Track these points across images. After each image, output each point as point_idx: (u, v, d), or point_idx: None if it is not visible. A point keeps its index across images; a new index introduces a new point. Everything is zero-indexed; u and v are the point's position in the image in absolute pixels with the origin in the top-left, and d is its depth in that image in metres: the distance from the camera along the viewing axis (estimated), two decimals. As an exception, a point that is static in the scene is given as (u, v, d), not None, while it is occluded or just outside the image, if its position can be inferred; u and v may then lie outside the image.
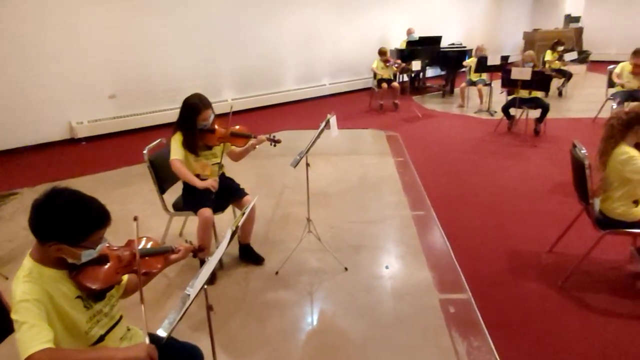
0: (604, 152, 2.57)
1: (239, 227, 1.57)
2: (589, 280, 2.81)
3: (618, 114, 2.54)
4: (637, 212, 2.52)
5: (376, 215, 3.85)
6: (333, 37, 9.67)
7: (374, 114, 8.01)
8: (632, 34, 13.79)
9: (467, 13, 13.21)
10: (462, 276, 2.89)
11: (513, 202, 4.03)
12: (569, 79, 8.81)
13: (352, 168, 5.09)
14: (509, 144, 5.84)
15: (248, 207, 1.68)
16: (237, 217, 1.67)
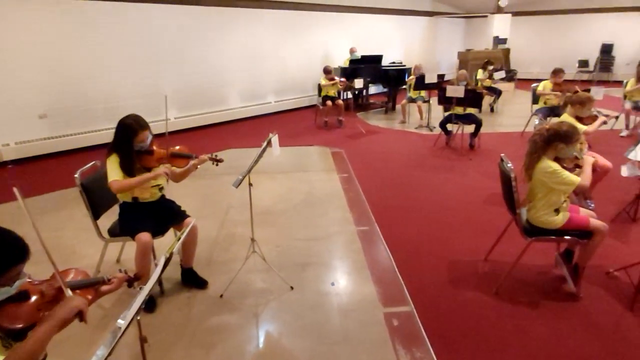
0: (529, 166, 2.77)
1: (173, 254, 1.52)
2: (521, 285, 2.99)
3: (540, 131, 2.76)
4: (558, 219, 2.73)
5: (322, 232, 3.88)
6: (278, 55, 9.76)
7: (319, 130, 8.13)
8: (553, 54, 15.10)
9: (406, 33, 13.85)
10: (405, 289, 2.97)
11: (452, 214, 4.22)
12: (499, 96, 9.44)
13: (298, 185, 5.11)
14: (447, 158, 6.14)
15: (184, 232, 1.64)
16: (172, 243, 1.63)
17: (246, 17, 8.89)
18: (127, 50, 7.13)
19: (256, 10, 9.10)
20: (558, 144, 2.66)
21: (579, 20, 14.91)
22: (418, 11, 14.17)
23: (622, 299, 2.80)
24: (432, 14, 14.96)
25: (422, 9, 14.37)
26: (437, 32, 15.47)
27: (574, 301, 2.79)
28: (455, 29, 16.66)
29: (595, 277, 3.06)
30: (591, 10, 14.59)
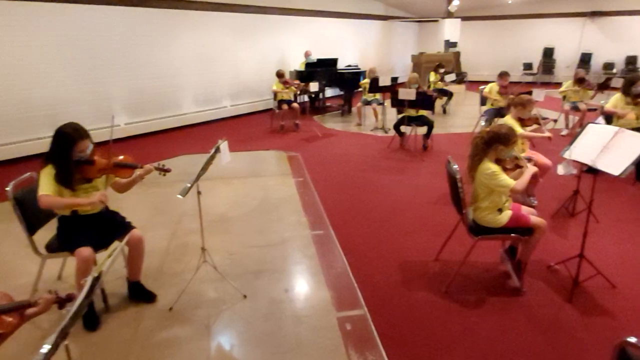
0: (472, 168, 2.87)
1: (102, 273, 1.44)
2: (469, 283, 3.09)
3: (481, 134, 2.86)
4: (501, 218, 2.84)
5: (276, 237, 3.85)
6: (233, 59, 9.62)
7: (276, 134, 8.08)
8: (500, 57, 15.80)
9: (361, 37, 14.05)
10: (358, 292, 2.99)
11: (405, 215, 4.30)
12: (450, 97, 9.76)
13: (253, 191, 5.05)
14: (401, 160, 6.26)
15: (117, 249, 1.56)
16: (102, 261, 1.54)
17: (198, 20, 8.71)
18: (69, 54, 6.78)
19: (209, 13, 8.94)
20: (498, 145, 2.77)
21: (522, 25, 15.70)
22: (372, 15, 14.42)
23: (562, 291, 2.95)
24: (386, 18, 15.27)
25: (376, 13, 14.64)
26: (391, 36, 15.81)
27: (518, 296, 2.91)
28: (409, 32, 17.08)
29: (538, 271, 3.21)
30: (533, 16, 15.39)
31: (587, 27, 14.83)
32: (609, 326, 2.60)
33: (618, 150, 2.67)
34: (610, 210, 4.33)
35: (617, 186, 5.00)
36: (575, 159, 2.90)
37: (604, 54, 14.60)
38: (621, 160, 2.60)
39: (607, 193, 4.77)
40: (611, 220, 4.08)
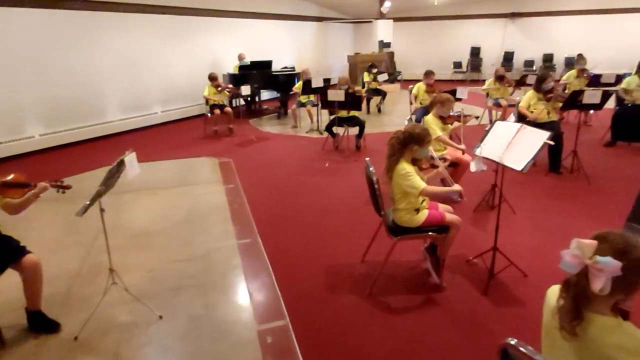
0: (389, 169, 2.88)
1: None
2: (393, 283, 3.11)
3: (396, 134, 2.88)
4: (419, 218, 2.87)
5: (200, 250, 3.68)
6: (162, 62, 9.23)
7: (209, 140, 7.84)
8: (432, 56, 16.41)
9: (297, 38, 14.03)
10: (282, 302, 2.91)
11: (334, 218, 4.29)
12: (384, 97, 9.96)
13: (180, 201, 4.83)
14: (334, 161, 6.27)
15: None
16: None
17: (122, 22, 8.26)
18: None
19: (133, 15, 8.50)
20: (413, 145, 2.80)
21: (450, 25, 16.40)
22: (307, 16, 14.44)
23: (479, 284, 3.04)
24: (321, 19, 15.36)
25: (311, 14, 14.68)
26: (327, 37, 15.92)
27: (438, 292, 2.97)
28: (345, 33, 17.30)
29: (458, 266, 3.30)
30: (460, 17, 16.13)
31: (509, 27, 15.76)
32: (520, 315, 2.70)
33: (521, 146, 2.79)
34: (525, 201, 4.57)
35: (533, 177, 5.30)
36: (484, 155, 3.00)
37: (525, 53, 15.58)
38: (523, 155, 2.72)
39: (524, 185, 5.03)
40: (526, 211, 4.30)
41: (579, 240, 1.23)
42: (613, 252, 1.19)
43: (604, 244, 1.22)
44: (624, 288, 1.22)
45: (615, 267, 1.15)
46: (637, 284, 1.23)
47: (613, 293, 1.21)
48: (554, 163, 5.41)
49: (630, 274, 1.18)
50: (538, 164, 5.74)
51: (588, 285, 1.20)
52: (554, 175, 5.35)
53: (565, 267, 1.25)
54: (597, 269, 1.17)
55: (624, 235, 1.24)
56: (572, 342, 1.27)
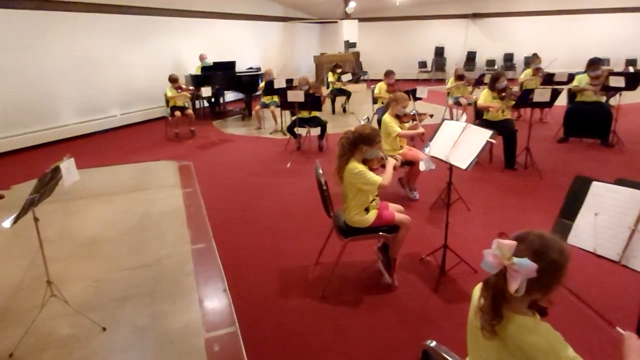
0: (339, 169, 2.87)
1: None
2: (346, 284, 3.10)
3: (346, 135, 2.87)
4: (369, 218, 2.87)
5: (152, 256, 3.57)
6: (121, 63, 8.96)
7: (169, 143, 7.66)
8: (397, 56, 16.61)
9: (262, 39, 13.91)
10: (232, 308, 2.85)
11: (292, 219, 4.25)
12: (348, 97, 9.99)
13: (134, 206, 4.68)
14: (296, 162, 6.23)
15: None
16: None
17: (76, 22, 7.98)
18: None
19: (89, 14, 8.21)
20: (362, 146, 2.79)
21: (415, 26, 16.65)
22: (272, 16, 14.35)
23: (431, 282, 3.07)
24: (287, 19, 15.29)
25: (276, 14, 14.59)
26: (293, 37, 15.87)
27: (390, 291, 2.98)
28: (311, 33, 17.29)
29: (411, 264, 3.32)
30: (423, 17, 16.40)
31: (471, 27, 16.14)
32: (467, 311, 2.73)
33: (466, 145, 2.83)
34: (481, 197, 4.66)
35: (489, 174, 5.42)
36: (433, 154, 3.03)
37: (487, 52, 15.99)
38: (468, 154, 2.75)
39: (480, 182, 5.14)
40: (480, 207, 4.38)
41: (499, 240, 1.24)
42: (531, 253, 1.21)
43: (523, 244, 1.24)
44: (540, 288, 1.23)
45: (531, 269, 1.16)
46: (552, 285, 1.24)
47: (530, 293, 1.23)
48: (508, 160, 5.55)
49: (545, 275, 1.20)
50: (494, 160, 5.89)
51: (506, 285, 1.21)
52: (509, 172, 5.48)
53: (485, 267, 1.26)
54: (514, 270, 1.18)
55: (543, 236, 1.26)
56: (493, 341, 1.28)
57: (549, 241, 1.24)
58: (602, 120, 6.33)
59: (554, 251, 1.22)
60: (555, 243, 1.24)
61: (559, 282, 1.24)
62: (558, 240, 1.26)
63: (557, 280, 1.24)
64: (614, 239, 1.70)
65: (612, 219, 1.73)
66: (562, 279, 1.25)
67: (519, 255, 1.20)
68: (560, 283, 1.25)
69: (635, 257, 1.63)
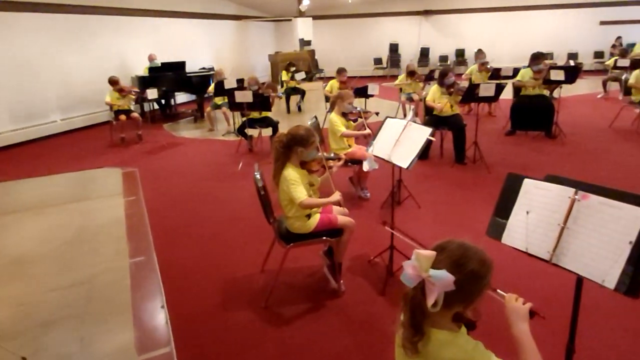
0: (275, 174, 2.74)
1: None
2: (291, 291, 2.98)
3: (279, 137, 2.75)
4: (310, 224, 2.76)
5: (85, 274, 3.32)
6: (60, 66, 8.44)
7: (115, 149, 7.27)
8: (353, 54, 16.67)
9: (215, 38, 13.56)
10: (169, 326, 2.67)
11: (238, 226, 4.09)
12: (303, 95, 9.88)
13: (70, 219, 4.37)
14: (247, 164, 6.04)
15: None
16: None
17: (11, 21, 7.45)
18: None
19: (25, 14, 7.68)
20: (297, 147, 2.68)
21: (369, 23, 16.75)
22: (224, 15, 14.01)
23: (378, 284, 3.00)
24: (240, 17, 14.98)
25: (228, 12, 14.26)
26: (247, 36, 15.57)
27: (337, 297, 2.88)
28: (266, 32, 17.04)
29: (360, 267, 3.25)
30: (377, 15, 16.52)
31: (423, 24, 16.41)
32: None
33: (407, 143, 2.77)
34: (431, 193, 4.66)
35: (440, 170, 5.46)
36: (375, 154, 2.96)
37: (439, 48, 16.31)
38: (409, 153, 2.70)
39: (430, 178, 5.16)
40: (430, 204, 4.38)
41: (417, 251, 1.15)
42: (449, 264, 1.13)
43: (442, 254, 1.16)
44: (461, 300, 1.16)
45: (448, 282, 1.09)
46: (474, 296, 1.17)
47: (451, 306, 1.15)
48: (458, 154, 5.61)
49: (465, 287, 1.12)
50: (445, 155, 5.94)
51: (424, 299, 1.12)
52: (459, 167, 5.54)
53: (404, 280, 1.17)
54: (430, 282, 1.10)
55: (463, 245, 1.19)
56: (414, 358, 1.19)
57: (469, 251, 1.17)
58: (545, 113, 6.53)
59: (474, 261, 1.15)
60: (476, 253, 1.17)
61: (480, 293, 1.17)
62: (479, 250, 1.19)
63: (478, 292, 1.17)
64: (545, 237, 1.66)
65: (543, 216, 1.69)
66: (484, 290, 1.18)
67: (437, 266, 1.12)
68: (482, 295, 1.18)
69: (565, 255, 1.60)
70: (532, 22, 15.62)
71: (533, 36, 15.25)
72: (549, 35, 15.37)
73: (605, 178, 4.90)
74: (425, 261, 1.12)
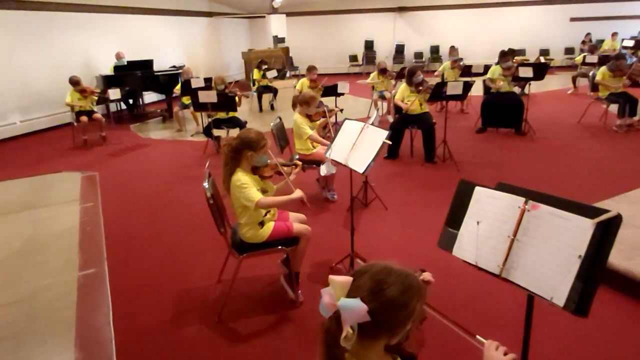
0: (224, 180, 2.60)
1: None
2: (247, 302, 2.84)
3: (228, 141, 2.61)
4: (264, 233, 2.62)
5: (28, 289, 3.11)
6: (17, 65, 8.04)
7: (77, 152, 6.98)
8: (328, 51, 16.54)
9: (186, 35, 13.22)
10: (113, 345, 2.49)
11: (198, 232, 3.91)
12: (275, 94, 9.70)
13: (19, 229, 4.13)
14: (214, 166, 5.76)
15: None
16: None
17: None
18: None
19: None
20: (247, 152, 2.54)
21: (344, 20, 16.62)
22: (195, 12, 13.68)
23: (339, 293, 2.88)
24: (212, 14, 14.67)
25: (199, 9, 13.93)
26: (220, 33, 15.26)
27: (294, 309, 2.75)
28: (239, 29, 16.75)
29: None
30: (351, 11, 16.41)
31: (398, 21, 16.38)
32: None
33: (364, 146, 2.66)
34: (399, 194, 4.58)
35: (410, 169, 5.39)
36: (333, 158, 2.84)
37: (414, 45, 16.32)
38: (365, 156, 2.59)
39: (400, 177, 5.09)
40: (398, 205, 4.29)
41: (332, 277, 1.03)
42: (367, 291, 1.01)
43: (361, 280, 1.04)
44: (386, 331, 1.04)
45: (360, 312, 0.96)
46: (396, 327, 1.05)
47: (376, 337, 1.03)
48: (428, 153, 5.55)
49: (383, 316, 1.00)
50: (415, 154, 5.87)
51: (339, 331, 1.00)
52: (429, 165, 5.48)
53: (321, 310, 1.05)
54: (342, 313, 0.98)
55: (386, 268, 1.07)
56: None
57: (390, 276, 1.04)
58: (515, 110, 6.53)
59: (394, 288, 1.02)
60: (399, 277, 1.05)
61: (404, 324, 1.05)
62: (404, 274, 1.07)
63: (401, 322, 1.04)
64: (495, 249, 1.57)
65: (493, 227, 1.60)
66: (410, 320, 1.06)
67: (353, 293, 1.00)
68: (407, 325, 1.06)
69: (516, 269, 1.50)
70: (505, 18, 15.76)
71: (506, 33, 15.39)
72: (521, 31, 15.53)
73: (568, 175, 4.91)
74: (339, 288, 1.00)
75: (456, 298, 2.75)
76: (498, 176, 5.01)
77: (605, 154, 5.65)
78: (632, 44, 11.51)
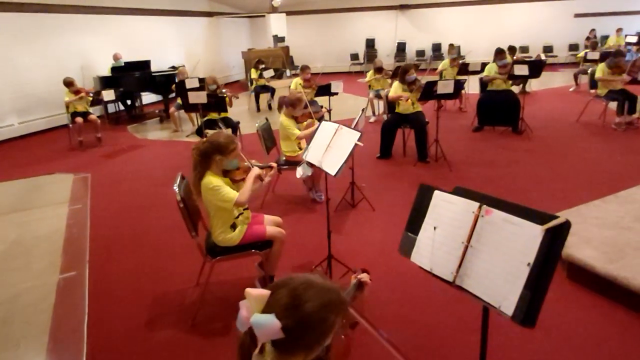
0: (194, 184, 2.57)
1: None
2: (222, 307, 2.81)
3: (197, 145, 2.58)
4: (234, 236, 2.59)
5: (7, 293, 3.10)
6: (15, 67, 8.09)
7: (72, 153, 7.00)
8: (329, 50, 16.48)
9: (186, 35, 13.23)
10: (84, 352, 2.47)
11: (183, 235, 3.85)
12: (273, 93, 9.67)
13: (5, 232, 4.14)
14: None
15: None
16: None
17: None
18: None
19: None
20: (216, 155, 2.51)
21: (345, 18, 16.53)
22: (195, 12, 13.69)
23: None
24: (212, 14, 14.67)
25: (199, 9, 13.94)
26: (220, 33, 15.26)
27: (269, 313, 2.72)
28: (240, 28, 16.74)
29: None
30: (353, 10, 16.32)
31: (399, 19, 16.26)
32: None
33: (337, 148, 2.61)
34: (388, 194, 4.52)
35: (402, 169, 5.33)
36: (308, 159, 2.80)
37: (416, 43, 16.20)
38: (338, 159, 2.54)
39: (391, 177, 5.03)
40: (386, 206, 4.24)
41: (249, 290, 0.99)
42: (282, 306, 0.97)
43: (279, 293, 1.00)
44: (302, 348, 0.99)
45: (272, 329, 0.92)
46: (312, 344, 1.01)
47: (293, 353, 0.99)
48: (420, 153, 5.48)
49: (299, 333, 0.96)
50: (407, 154, 5.81)
51: (254, 347, 0.96)
52: (421, 165, 5.42)
53: (237, 324, 1.01)
54: (255, 329, 0.94)
55: (306, 282, 1.02)
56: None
57: (309, 290, 1.00)
58: (511, 108, 6.44)
59: (312, 303, 0.98)
60: (317, 293, 1.00)
61: (321, 340, 1.01)
62: (325, 290, 1.02)
63: (317, 340, 1.00)
64: (449, 255, 1.52)
65: (448, 233, 1.55)
66: (329, 335, 1.02)
67: (269, 308, 0.96)
68: (326, 340, 1.02)
69: (469, 277, 1.46)
70: (508, 15, 15.59)
71: (509, 29, 15.22)
72: (524, 28, 15.35)
73: (562, 175, 4.82)
74: (255, 303, 0.97)
75: (432, 304, 2.70)
76: (490, 176, 4.94)
77: (602, 153, 5.55)
78: (636, 39, 11.31)
